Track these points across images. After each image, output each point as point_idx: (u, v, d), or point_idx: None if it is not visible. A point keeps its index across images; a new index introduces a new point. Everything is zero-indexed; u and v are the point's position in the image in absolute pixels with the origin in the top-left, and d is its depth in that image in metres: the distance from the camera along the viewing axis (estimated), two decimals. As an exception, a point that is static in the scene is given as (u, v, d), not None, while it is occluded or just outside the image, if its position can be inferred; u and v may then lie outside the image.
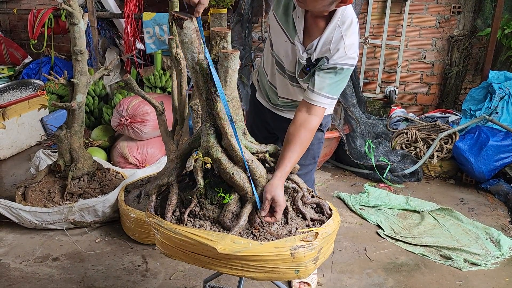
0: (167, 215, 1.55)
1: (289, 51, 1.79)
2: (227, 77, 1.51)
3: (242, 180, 1.56)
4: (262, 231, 1.55)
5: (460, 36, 4.17)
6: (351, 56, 1.64)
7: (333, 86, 1.66)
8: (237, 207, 1.57)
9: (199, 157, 1.56)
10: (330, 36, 1.64)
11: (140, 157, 3.38)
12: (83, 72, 2.72)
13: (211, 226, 1.56)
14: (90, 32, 4.43)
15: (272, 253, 1.43)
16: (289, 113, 2.00)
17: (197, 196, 1.59)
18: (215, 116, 1.54)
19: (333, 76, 1.65)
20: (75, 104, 2.72)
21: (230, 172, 1.55)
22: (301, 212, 1.65)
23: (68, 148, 2.80)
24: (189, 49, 1.47)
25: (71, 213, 2.66)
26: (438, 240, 2.68)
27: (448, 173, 3.62)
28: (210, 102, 1.53)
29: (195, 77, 1.52)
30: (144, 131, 3.36)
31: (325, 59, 1.65)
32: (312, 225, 1.62)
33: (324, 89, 1.65)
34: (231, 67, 1.49)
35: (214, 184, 1.61)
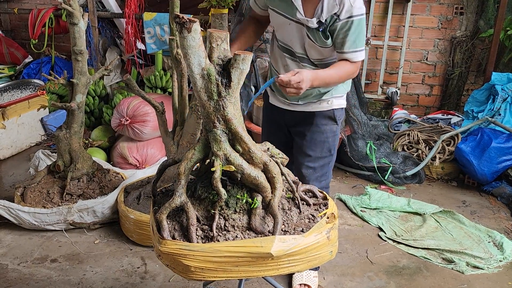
0: (192, 237, 1.49)
1: (294, 31, 1.87)
2: (240, 80, 1.51)
3: (265, 181, 1.58)
4: (287, 226, 1.59)
5: (462, 37, 4.14)
6: (359, 6, 1.74)
7: (355, 39, 1.78)
8: (262, 209, 1.59)
9: (219, 168, 1.55)
10: None
11: (140, 157, 3.36)
12: (82, 72, 2.71)
13: (243, 234, 1.55)
14: (91, 32, 4.42)
15: (314, 242, 1.51)
16: (307, 105, 2.04)
17: (218, 209, 1.56)
18: (226, 121, 1.53)
19: (351, 31, 1.76)
20: (75, 104, 2.70)
21: (254, 175, 1.56)
22: (304, 200, 1.73)
23: (67, 148, 2.79)
24: (196, 54, 1.45)
25: (70, 214, 2.64)
26: (440, 243, 2.66)
27: (450, 175, 3.60)
28: (219, 108, 1.51)
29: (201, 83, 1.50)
30: (144, 131, 3.34)
31: (335, 16, 1.74)
32: (319, 209, 1.72)
33: (350, 46, 1.79)
34: (245, 69, 1.49)
35: (233, 192, 1.61)
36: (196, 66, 1.48)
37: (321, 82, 1.74)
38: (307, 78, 1.66)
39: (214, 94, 1.51)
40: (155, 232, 1.57)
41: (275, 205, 1.60)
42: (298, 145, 2.12)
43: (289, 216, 1.70)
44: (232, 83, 1.50)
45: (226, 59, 1.51)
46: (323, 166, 2.09)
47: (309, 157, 2.08)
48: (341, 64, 1.83)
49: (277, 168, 1.66)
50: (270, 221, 1.62)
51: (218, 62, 1.51)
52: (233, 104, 1.56)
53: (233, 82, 1.50)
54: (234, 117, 1.55)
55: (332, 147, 2.10)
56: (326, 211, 1.75)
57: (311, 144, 2.07)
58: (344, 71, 1.83)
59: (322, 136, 2.06)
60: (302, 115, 2.07)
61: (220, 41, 1.50)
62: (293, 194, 1.75)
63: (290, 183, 1.76)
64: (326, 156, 2.10)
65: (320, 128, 2.05)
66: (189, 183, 1.71)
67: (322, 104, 2.03)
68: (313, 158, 2.08)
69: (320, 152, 2.07)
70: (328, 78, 1.79)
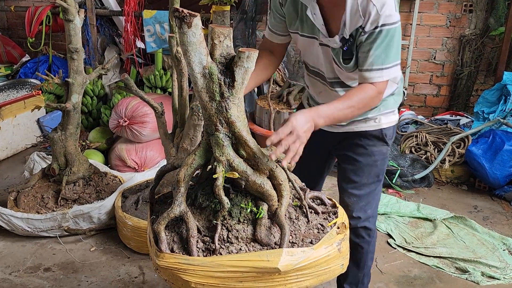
0: (192, 250, 1.37)
1: (321, 53, 1.65)
2: (244, 79, 1.39)
3: (271, 189, 1.47)
4: (295, 236, 1.48)
5: (471, 36, 4.01)
6: (388, 14, 1.43)
7: (381, 53, 1.46)
8: (267, 219, 1.48)
9: (222, 174, 1.43)
10: (354, 4, 1.46)
11: (139, 160, 3.25)
12: (78, 71, 2.59)
13: (248, 246, 1.43)
14: (89, 30, 4.31)
15: (324, 255, 1.40)
16: (351, 125, 1.79)
17: (221, 219, 1.44)
18: (229, 124, 1.41)
19: (377, 43, 1.46)
20: (70, 105, 2.58)
21: (260, 183, 1.45)
22: (313, 208, 1.62)
23: (62, 151, 2.67)
24: (197, 51, 1.33)
25: (65, 220, 2.53)
26: (453, 251, 2.53)
27: (460, 179, 3.47)
28: (222, 109, 1.40)
29: (202, 83, 1.38)
30: (143, 133, 3.22)
31: (360, 29, 1.47)
32: (328, 218, 1.60)
33: (374, 63, 1.47)
34: (250, 67, 1.37)
35: (237, 200, 1.49)
36: (196, 65, 1.36)
37: (328, 119, 1.44)
38: (303, 121, 1.39)
39: (216, 94, 1.39)
40: (152, 244, 1.45)
41: (282, 214, 1.48)
42: (341, 169, 1.88)
43: (297, 226, 1.58)
44: (236, 83, 1.38)
45: (230, 56, 1.39)
46: (369, 194, 1.84)
47: (353, 183, 1.82)
48: (356, 90, 1.51)
49: (284, 175, 1.55)
50: (276, 231, 1.51)
51: (220, 60, 1.39)
52: (237, 106, 1.44)
53: (237, 81, 1.38)
54: (238, 119, 1.44)
55: (380, 172, 1.83)
56: (336, 220, 1.64)
57: (357, 169, 1.80)
58: (359, 100, 1.48)
59: (369, 159, 1.78)
60: (346, 136, 1.81)
61: (222, 37, 1.38)
62: (301, 202, 1.64)
63: (297, 190, 1.64)
64: (373, 182, 1.82)
65: (367, 150, 1.78)
66: (189, 191, 1.59)
67: (368, 123, 1.76)
68: (358, 185, 1.81)
69: (367, 178, 1.79)
70: (337, 113, 1.46)
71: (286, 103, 3.40)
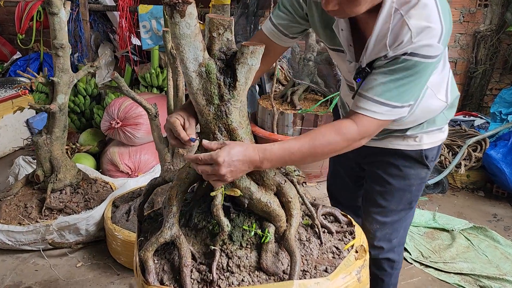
0: (185, 282, 1.16)
1: (353, 71, 1.36)
2: (248, 79, 1.17)
3: (279, 208, 1.27)
4: (307, 263, 1.28)
5: (486, 32, 3.78)
6: (425, 44, 1.07)
7: (396, 88, 1.12)
8: (274, 243, 1.28)
9: (221, 192, 1.21)
10: (385, 28, 1.13)
11: (133, 164, 3.02)
12: (64, 69, 2.36)
13: (251, 276, 1.22)
14: (82, 26, 4.09)
15: (342, 286, 1.21)
16: (385, 140, 1.49)
17: (220, 244, 1.22)
18: (229, 132, 1.19)
19: (390, 71, 1.12)
20: (56, 106, 2.36)
21: (266, 201, 1.24)
22: (326, 227, 1.42)
23: (48, 156, 2.45)
24: (192, 45, 1.11)
25: (49, 233, 2.31)
26: (475, 266, 2.31)
27: (476, 184, 3.25)
28: (221, 114, 1.18)
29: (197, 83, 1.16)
30: (137, 135, 3.00)
31: (382, 58, 1.15)
32: (344, 239, 1.41)
33: (373, 89, 1.14)
34: (254, 65, 1.15)
35: (239, 222, 1.27)
36: (191, 61, 1.13)
37: (276, 163, 1.15)
38: (237, 157, 1.09)
39: (214, 97, 1.17)
40: (139, 273, 1.23)
41: (291, 238, 1.27)
42: (368, 188, 1.61)
43: (308, 249, 1.37)
44: (238, 83, 1.16)
45: (230, 52, 1.17)
46: (396, 222, 1.57)
47: (379, 207, 1.55)
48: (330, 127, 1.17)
49: (294, 191, 1.33)
50: (285, 257, 1.29)
51: (220, 56, 1.17)
52: (239, 110, 1.22)
53: (239, 81, 1.16)
54: (240, 126, 1.21)
55: (414, 198, 1.54)
56: (353, 242, 1.42)
57: (386, 191, 1.52)
58: (327, 142, 1.14)
59: (402, 183, 1.49)
60: (379, 152, 1.50)
61: (222, 29, 1.16)
62: (312, 220, 1.41)
63: (308, 207, 1.42)
64: (403, 210, 1.54)
65: (402, 171, 1.48)
66: (183, 208, 1.37)
67: (406, 141, 1.45)
68: (385, 210, 1.55)
69: (397, 204, 1.51)
70: (289, 157, 1.14)
71: (290, 103, 3.17)
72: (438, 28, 1.10)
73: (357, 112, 1.17)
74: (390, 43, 1.13)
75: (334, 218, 1.56)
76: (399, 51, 1.11)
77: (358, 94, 1.20)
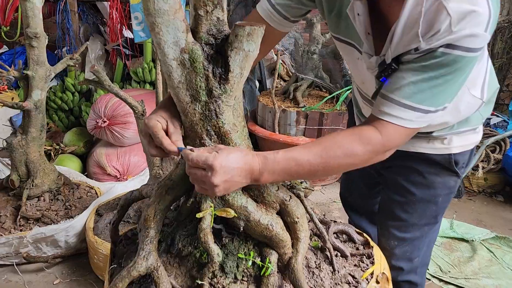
0: None
1: (365, 70, 1.10)
2: (244, 69, 0.92)
3: (283, 231, 1.02)
4: None
5: (504, 23, 3.52)
6: (468, 33, 0.84)
7: (420, 85, 0.90)
8: (277, 273, 1.03)
9: (210, 212, 0.96)
10: (416, 12, 0.88)
11: (121, 167, 2.77)
12: (40, 62, 2.11)
13: None
14: (70, 17, 3.83)
15: None
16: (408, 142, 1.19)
17: (209, 277, 0.99)
18: (220, 136, 0.95)
19: (423, 67, 0.88)
20: (30, 104, 2.10)
21: (267, 223, 1.00)
22: (339, 249, 1.19)
23: (23, 159, 2.19)
24: (171, 25, 0.87)
25: (23, 245, 2.06)
26: (500, 283, 2.06)
27: (494, 188, 3.00)
28: (210, 114, 0.93)
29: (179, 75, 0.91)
30: (126, 135, 2.75)
31: (412, 52, 0.91)
32: (360, 263, 1.18)
33: (400, 90, 0.91)
34: (252, 51, 0.89)
35: (233, 248, 1.02)
36: (170, 47, 0.88)
37: (278, 177, 0.91)
38: (233, 166, 0.85)
39: (201, 92, 0.92)
40: (108, 314, 0.99)
41: (298, 268, 1.02)
42: (385, 198, 1.38)
43: (319, 279, 1.12)
44: (231, 75, 0.91)
45: (222, 35, 0.92)
46: (418, 238, 1.34)
47: (399, 221, 1.32)
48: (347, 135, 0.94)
49: (301, 208, 1.07)
50: (289, 290, 1.04)
51: (208, 40, 0.91)
52: (233, 108, 0.97)
53: (232, 72, 0.91)
54: (234, 129, 0.96)
55: (440, 212, 1.31)
56: (372, 269, 1.18)
57: (407, 202, 1.30)
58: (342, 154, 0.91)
59: (427, 193, 1.26)
60: (399, 156, 1.20)
61: (211, 6, 0.90)
62: (323, 242, 1.17)
63: (318, 226, 1.17)
64: (426, 224, 1.31)
65: (426, 179, 1.25)
66: (164, 229, 1.13)
67: (432, 143, 1.22)
68: (405, 224, 1.32)
69: (419, 217, 1.29)
70: (295, 170, 0.91)
71: (293, 100, 2.92)
72: (484, 12, 0.85)
73: (381, 119, 0.93)
74: (423, 32, 0.88)
75: (348, 237, 1.32)
76: (435, 42, 0.87)
77: (381, 95, 0.95)
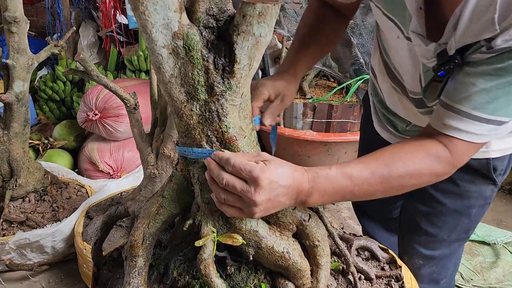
0: None
1: (406, 53, 0.90)
2: (253, 59, 0.72)
3: (302, 259, 0.84)
4: None
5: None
6: None
7: (494, 93, 0.72)
8: None
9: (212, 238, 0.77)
10: None
11: (114, 163, 2.58)
12: (21, 49, 1.90)
13: None
14: (60, 2, 3.60)
15: None
16: None
17: None
18: (224, 143, 0.76)
19: (499, 70, 0.70)
20: (12, 96, 1.90)
21: (282, 250, 0.81)
22: (362, 271, 1.01)
23: (5, 156, 2.00)
24: (159, 3, 0.67)
25: (6, 252, 1.87)
26: (528, 292, 1.89)
27: (513, 184, 2.82)
28: (212, 116, 0.74)
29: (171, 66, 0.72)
30: (119, 129, 2.55)
31: (483, 42, 0.71)
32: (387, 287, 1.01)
33: (469, 99, 0.74)
34: (264, 36, 0.70)
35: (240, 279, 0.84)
36: (159, 30, 0.68)
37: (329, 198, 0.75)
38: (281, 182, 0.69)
39: (200, 88, 0.72)
40: None
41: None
42: (408, 208, 1.21)
43: None
44: (238, 66, 0.71)
45: (225, 15, 0.71)
46: (447, 256, 1.18)
47: (425, 235, 1.16)
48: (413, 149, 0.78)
49: (322, 228, 0.88)
50: (308, 329, 0.86)
51: (207, 22, 0.71)
52: (239, 109, 0.77)
53: (239, 63, 0.70)
54: (241, 134, 0.77)
55: (472, 226, 1.16)
56: (401, 296, 0.99)
57: (436, 214, 1.14)
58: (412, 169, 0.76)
59: (459, 204, 1.10)
60: None
61: (211, -21, 0.70)
62: (347, 267, 0.98)
63: (338, 244, 0.98)
64: (457, 240, 1.16)
65: (459, 187, 1.09)
66: (155, 252, 0.94)
67: None
68: (433, 240, 1.16)
69: (449, 232, 1.13)
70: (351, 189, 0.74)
71: (299, 91, 2.71)
72: None
73: (448, 135, 0.76)
74: (500, 16, 0.66)
75: (371, 254, 1.14)
76: None
77: (444, 104, 0.77)
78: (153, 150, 1.90)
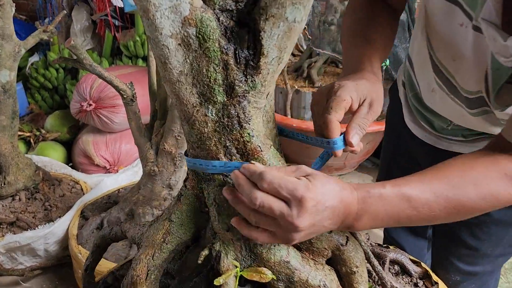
0: None
1: (470, 46, 0.74)
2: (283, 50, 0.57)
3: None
4: None
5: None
6: None
7: None
8: None
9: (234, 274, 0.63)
10: None
11: (111, 156, 2.43)
12: (6, 35, 1.73)
13: None
14: (51, -17, 3.41)
15: None
16: (477, 143, 0.95)
17: None
18: (246, 155, 0.61)
19: None
20: (-4, 87, 1.74)
21: (318, 284, 0.68)
22: None
23: (-8, 152, 1.85)
24: None
25: (-6, 256, 1.74)
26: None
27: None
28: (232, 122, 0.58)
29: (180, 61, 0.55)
30: (116, 120, 2.40)
31: None
32: None
33: None
34: (299, 20, 0.54)
35: None
36: (165, 16, 0.51)
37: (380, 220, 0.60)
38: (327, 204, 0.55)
39: (216, 88, 0.56)
40: None
41: None
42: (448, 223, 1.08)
43: None
44: (265, 60, 0.54)
45: (247, -3, 0.57)
46: (488, 274, 1.06)
47: (465, 248, 1.03)
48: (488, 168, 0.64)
49: (360, 252, 0.74)
50: None
51: (225, 4, 0.56)
52: (264, 112, 0.62)
53: (266, 56, 0.54)
54: (267, 143, 0.61)
55: None
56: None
57: (478, 225, 1.01)
58: (486, 191, 0.63)
59: (508, 213, 0.95)
60: None
61: None
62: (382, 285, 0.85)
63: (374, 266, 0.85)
64: (502, 255, 1.04)
65: None
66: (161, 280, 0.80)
67: None
68: (474, 255, 1.03)
69: (494, 245, 1.00)
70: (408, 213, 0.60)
71: (307, 79, 2.55)
72: None
73: None
74: None
75: (401, 268, 1.00)
76: None
77: None
78: (152, 145, 1.75)
